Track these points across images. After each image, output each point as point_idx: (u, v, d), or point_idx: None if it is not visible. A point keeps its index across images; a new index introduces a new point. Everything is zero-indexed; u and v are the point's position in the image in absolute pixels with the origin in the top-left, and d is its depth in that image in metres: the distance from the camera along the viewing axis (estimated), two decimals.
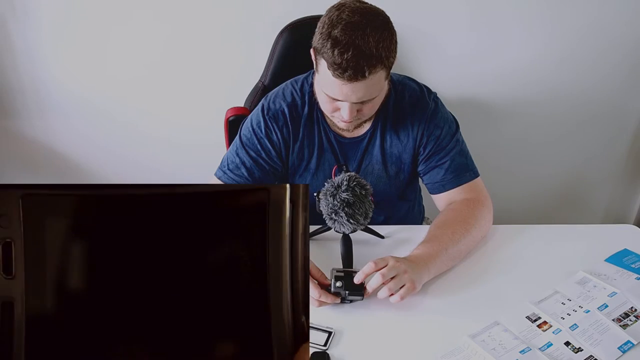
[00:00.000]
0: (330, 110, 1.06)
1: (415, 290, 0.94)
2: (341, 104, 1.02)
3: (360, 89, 0.97)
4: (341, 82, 0.96)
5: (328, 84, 0.99)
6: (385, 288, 0.91)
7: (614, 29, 1.64)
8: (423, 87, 1.19)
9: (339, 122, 1.09)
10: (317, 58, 1.00)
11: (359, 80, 0.95)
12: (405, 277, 0.93)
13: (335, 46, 0.93)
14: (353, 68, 0.93)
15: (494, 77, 1.71)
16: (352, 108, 1.01)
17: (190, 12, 1.57)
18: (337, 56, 0.93)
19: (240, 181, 1.14)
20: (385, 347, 0.89)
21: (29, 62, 1.64)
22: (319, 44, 0.96)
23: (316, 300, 0.93)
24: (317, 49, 0.98)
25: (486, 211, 1.14)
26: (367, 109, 1.05)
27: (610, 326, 0.91)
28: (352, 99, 0.99)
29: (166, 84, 1.69)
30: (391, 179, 1.21)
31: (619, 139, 1.89)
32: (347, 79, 0.95)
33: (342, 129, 1.13)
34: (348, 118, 1.03)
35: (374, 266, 0.92)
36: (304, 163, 1.19)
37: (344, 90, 0.97)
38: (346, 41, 0.93)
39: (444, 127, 1.16)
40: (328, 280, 0.96)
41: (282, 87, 1.19)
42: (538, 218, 2.00)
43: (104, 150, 1.82)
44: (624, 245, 1.12)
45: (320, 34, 0.97)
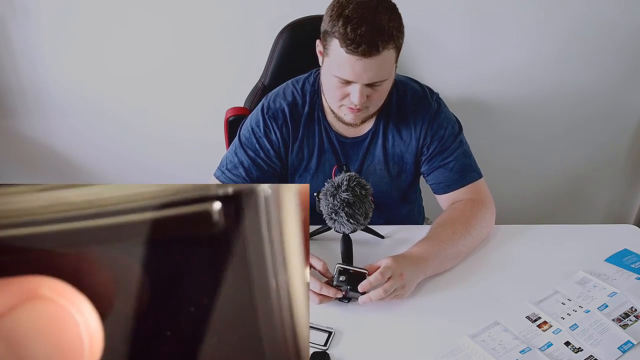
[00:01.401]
0: (339, 97, 1.05)
1: (405, 295, 0.95)
2: (351, 87, 1.01)
3: (372, 67, 0.98)
4: (355, 59, 0.96)
5: (340, 64, 0.99)
6: (380, 289, 0.92)
7: (613, 28, 1.64)
8: (425, 87, 1.19)
9: (345, 115, 1.08)
10: (326, 42, 1.00)
11: (373, 55, 0.96)
12: (399, 281, 0.93)
13: (347, 23, 0.94)
14: (367, 42, 0.94)
15: (493, 77, 1.71)
16: (362, 91, 1.01)
17: (190, 12, 1.57)
18: (351, 32, 0.94)
19: (237, 181, 1.14)
20: (385, 347, 0.89)
21: (29, 62, 1.64)
22: (329, 25, 0.97)
23: (317, 296, 0.93)
24: (327, 31, 0.99)
25: (489, 213, 1.14)
26: (375, 96, 1.04)
27: (610, 326, 0.91)
28: (363, 78, 0.99)
29: (166, 84, 1.69)
30: (393, 179, 1.21)
31: (619, 139, 1.89)
32: (362, 53, 0.95)
33: (348, 122, 1.11)
34: (358, 101, 1.02)
35: (381, 278, 0.92)
36: (303, 163, 1.19)
37: (356, 69, 0.98)
38: (359, 17, 0.95)
39: (448, 128, 1.16)
40: (330, 274, 0.96)
41: (283, 87, 1.19)
42: (538, 218, 2.00)
43: (104, 150, 1.82)
44: (624, 245, 1.12)
45: (329, 16, 0.98)
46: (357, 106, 1.03)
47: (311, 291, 0.94)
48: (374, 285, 0.92)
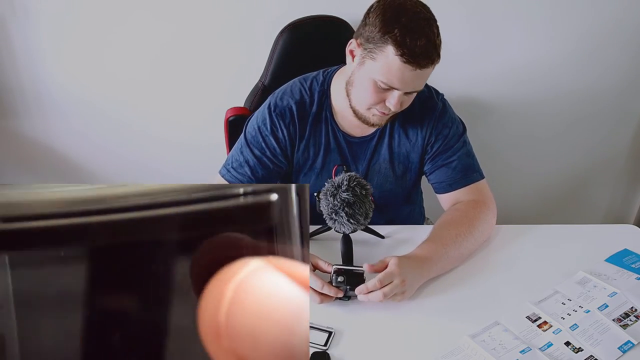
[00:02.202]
0: (373, 102, 1.04)
1: (403, 299, 0.95)
2: (391, 93, 1.02)
3: (419, 78, 1.01)
4: (409, 69, 0.97)
5: (389, 71, 0.98)
6: (380, 292, 0.91)
7: (615, 27, 1.64)
8: (431, 88, 1.20)
9: (373, 116, 1.08)
10: (374, 45, 0.99)
11: (426, 67, 0.98)
12: (400, 287, 0.93)
13: (408, 32, 0.95)
14: (424, 55, 0.97)
15: (493, 76, 1.71)
16: (400, 98, 1.02)
17: (190, 12, 1.57)
18: (410, 42, 0.95)
19: (243, 180, 1.13)
20: (385, 347, 0.89)
21: (29, 62, 1.64)
22: (381, 30, 0.97)
23: (318, 295, 0.93)
24: (375, 36, 0.98)
25: (491, 215, 1.14)
26: (406, 102, 1.07)
27: (610, 326, 0.91)
28: (408, 87, 1.01)
29: (166, 84, 1.69)
30: (398, 178, 1.21)
31: (619, 139, 1.89)
32: (418, 65, 0.97)
33: (374, 124, 1.10)
34: (395, 108, 1.03)
35: (379, 285, 0.92)
36: (308, 162, 1.19)
37: (406, 77, 0.99)
38: (417, 28, 0.96)
39: (452, 127, 1.16)
40: (329, 269, 0.96)
41: (290, 85, 1.18)
42: (538, 218, 2.00)
43: (104, 150, 1.82)
44: (624, 245, 1.12)
45: (381, 21, 0.97)
46: (391, 111, 1.05)
47: (313, 290, 0.94)
48: (370, 290, 0.92)
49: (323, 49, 1.37)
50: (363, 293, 0.92)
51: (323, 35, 1.45)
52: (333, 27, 1.44)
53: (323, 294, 0.93)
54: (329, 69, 1.18)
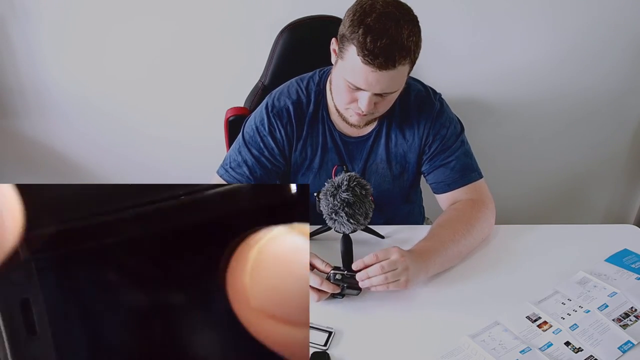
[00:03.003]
0: (347, 101, 1.05)
1: (404, 289, 0.95)
2: (361, 94, 1.01)
3: (385, 80, 0.98)
4: (370, 69, 0.96)
5: (353, 71, 0.98)
6: (382, 276, 0.92)
7: (615, 28, 1.64)
8: (428, 88, 1.19)
9: (351, 117, 1.08)
10: (343, 45, 1.00)
11: (388, 69, 0.96)
12: (404, 273, 0.93)
13: (368, 33, 0.94)
14: (385, 56, 0.94)
15: (493, 76, 1.71)
16: (371, 99, 1.01)
17: (191, 12, 1.57)
18: (370, 43, 0.94)
19: (241, 180, 1.14)
20: (385, 347, 0.89)
21: (29, 62, 1.64)
22: (349, 30, 0.97)
23: (316, 293, 0.94)
24: (345, 35, 0.98)
25: (489, 214, 1.14)
26: (383, 104, 1.05)
27: (610, 326, 0.91)
28: (375, 88, 0.99)
29: (166, 84, 1.69)
30: (395, 178, 1.21)
31: (619, 139, 1.89)
32: (377, 66, 0.95)
33: (353, 124, 1.11)
34: (365, 109, 1.02)
35: (375, 259, 0.93)
36: (306, 162, 1.19)
37: (370, 79, 0.97)
38: (380, 29, 0.94)
39: (450, 127, 1.16)
40: (327, 269, 0.96)
41: (287, 85, 1.19)
42: (538, 218, 2.00)
43: (104, 150, 1.82)
44: (624, 245, 1.12)
45: (350, 20, 0.97)
46: (363, 112, 1.04)
47: (311, 288, 0.94)
48: (367, 263, 0.93)
49: (323, 49, 1.36)
50: (359, 267, 0.93)
51: (323, 35, 1.44)
52: (333, 27, 1.43)
53: (320, 291, 0.94)
54: (325, 68, 1.18)
